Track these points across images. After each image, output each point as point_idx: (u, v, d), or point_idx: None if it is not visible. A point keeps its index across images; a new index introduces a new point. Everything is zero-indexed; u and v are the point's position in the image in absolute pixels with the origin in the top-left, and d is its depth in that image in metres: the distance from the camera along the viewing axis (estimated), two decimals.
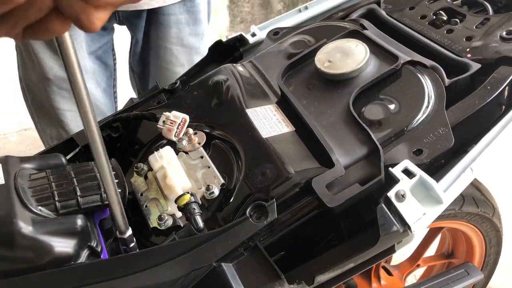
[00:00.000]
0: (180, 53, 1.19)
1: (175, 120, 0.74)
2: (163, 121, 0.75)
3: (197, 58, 1.19)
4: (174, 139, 0.74)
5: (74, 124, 1.14)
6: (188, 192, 0.64)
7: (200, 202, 0.66)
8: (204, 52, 1.19)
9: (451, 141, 0.64)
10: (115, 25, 1.20)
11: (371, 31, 0.85)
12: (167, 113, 0.75)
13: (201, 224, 0.62)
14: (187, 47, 1.19)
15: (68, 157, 0.79)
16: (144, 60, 1.24)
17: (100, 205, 0.62)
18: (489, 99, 0.69)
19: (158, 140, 0.80)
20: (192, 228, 0.61)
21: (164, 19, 1.13)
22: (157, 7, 1.09)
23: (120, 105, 1.24)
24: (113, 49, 1.23)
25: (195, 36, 1.19)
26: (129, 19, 1.15)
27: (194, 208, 0.63)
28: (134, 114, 0.80)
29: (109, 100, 1.20)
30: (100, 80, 1.16)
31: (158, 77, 1.21)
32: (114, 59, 1.24)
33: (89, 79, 1.11)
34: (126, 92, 1.30)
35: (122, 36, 1.30)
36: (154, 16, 1.13)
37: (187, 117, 0.75)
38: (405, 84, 0.74)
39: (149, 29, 1.16)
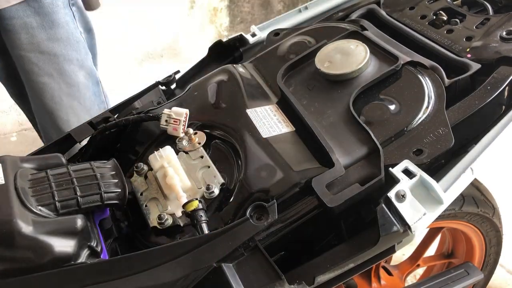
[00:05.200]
0: (42, 61, 1.05)
1: (178, 118, 0.75)
2: (166, 120, 0.76)
3: (69, 67, 1.07)
4: (182, 135, 0.75)
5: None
6: (196, 199, 0.64)
7: (206, 209, 0.66)
8: (80, 60, 1.09)
9: (451, 141, 0.64)
10: None
11: (371, 32, 0.85)
12: (167, 111, 0.76)
13: (206, 231, 0.61)
14: (49, 54, 1.05)
15: (68, 157, 0.79)
16: (13, 77, 1.12)
17: (100, 205, 0.62)
18: (489, 99, 0.69)
19: (159, 140, 0.80)
20: (197, 235, 0.61)
21: (8, 24, 1.01)
22: None
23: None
24: None
25: (56, 42, 1.05)
26: None
27: (201, 215, 0.62)
28: (132, 119, 0.80)
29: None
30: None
31: (30, 93, 1.08)
32: None
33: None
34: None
35: None
36: None
37: (187, 111, 0.76)
38: (405, 84, 0.74)
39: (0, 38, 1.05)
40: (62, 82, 1.05)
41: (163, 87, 0.91)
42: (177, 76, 0.97)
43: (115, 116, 0.85)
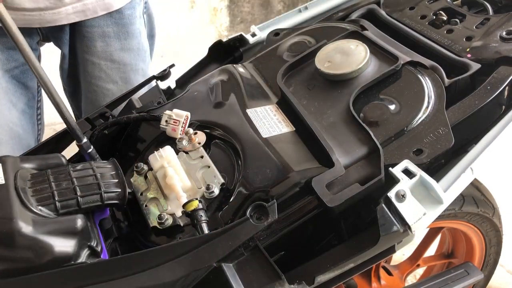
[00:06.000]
0: (111, 68, 1.09)
1: (178, 119, 0.75)
2: (166, 121, 0.76)
3: (134, 76, 1.11)
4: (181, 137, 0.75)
5: None
6: (196, 199, 0.64)
7: (206, 209, 0.66)
8: (144, 69, 1.13)
9: (451, 141, 0.64)
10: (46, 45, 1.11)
11: (371, 32, 0.85)
12: (168, 112, 0.76)
13: (206, 231, 0.61)
14: (119, 63, 1.09)
15: (68, 157, 0.79)
16: (73, 76, 1.16)
17: (100, 205, 0.62)
18: (489, 99, 0.69)
19: (159, 140, 0.80)
20: (197, 234, 0.61)
21: (87, 31, 1.04)
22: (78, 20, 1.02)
23: (46, 129, 1.15)
24: None
25: (127, 52, 1.09)
26: (52, 33, 1.07)
27: (201, 215, 0.62)
28: (134, 117, 0.80)
29: (28, 122, 1.10)
30: (16, 101, 1.06)
31: (89, 95, 1.13)
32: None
33: (0, 100, 1.01)
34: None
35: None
36: (77, 28, 1.05)
37: (188, 114, 0.76)
38: (405, 84, 0.74)
39: (74, 42, 1.08)
40: (125, 90, 1.07)
41: (159, 81, 0.91)
42: (177, 75, 0.97)
43: (113, 112, 0.85)
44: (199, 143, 0.74)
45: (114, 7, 1.03)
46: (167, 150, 0.73)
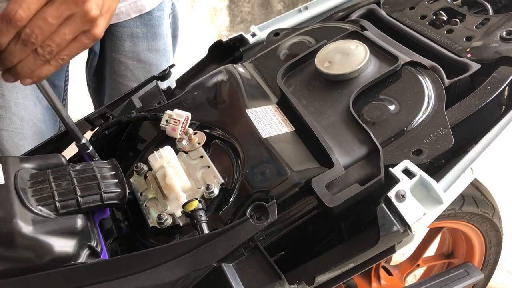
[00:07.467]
0: (137, 68, 1.12)
1: (178, 119, 0.75)
2: (166, 120, 0.76)
3: None
4: (180, 136, 0.75)
5: (10, 144, 1.04)
6: (196, 199, 0.64)
7: (205, 209, 0.66)
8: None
9: (451, 141, 0.64)
10: None
11: (371, 32, 0.85)
12: (169, 112, 0.76)
13: (206, 231, 0.61)
14: (145, 63, 1.12)
15: (68, 157, 0.79)
16: (100, 73, 1.18)
17: (100, 205, 0.62)
18: (489, 99, 0.69)
19: (158, 140, 0.80)
20: (197, 234, 0.61)
21: (117, 30, 1.06)
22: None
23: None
24: (67, 70, 1.14)
25: (154, 52, 1.12)
26: None
27: (201, 215, 0.62)
28: (135, 116, 0.80)
29: (51, 119, 1.11)
30: (42, 97, 1.06)
31: (113, 93, 1.15)
32: (66, 80, 1.15)
33: (28, 95, 1.03)
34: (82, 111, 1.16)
35: None
36: (108, 27, 1.08)
37: (189, 114, 0.76)
38: (405, 84, 0.74)
39: (103, 40, 1.10)
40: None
41: (159, 81, 0.91)
42: (176, 74, 0.97)
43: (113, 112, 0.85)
44: (199, 143, 0.74)
45: (147, 8, 1.05)
46: (167, 150, 0.73)
